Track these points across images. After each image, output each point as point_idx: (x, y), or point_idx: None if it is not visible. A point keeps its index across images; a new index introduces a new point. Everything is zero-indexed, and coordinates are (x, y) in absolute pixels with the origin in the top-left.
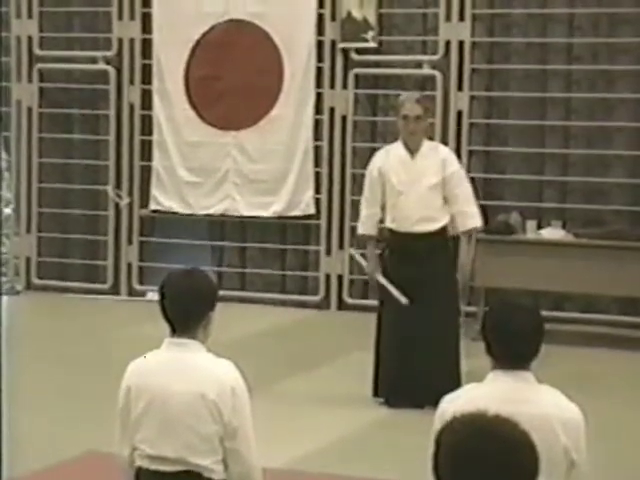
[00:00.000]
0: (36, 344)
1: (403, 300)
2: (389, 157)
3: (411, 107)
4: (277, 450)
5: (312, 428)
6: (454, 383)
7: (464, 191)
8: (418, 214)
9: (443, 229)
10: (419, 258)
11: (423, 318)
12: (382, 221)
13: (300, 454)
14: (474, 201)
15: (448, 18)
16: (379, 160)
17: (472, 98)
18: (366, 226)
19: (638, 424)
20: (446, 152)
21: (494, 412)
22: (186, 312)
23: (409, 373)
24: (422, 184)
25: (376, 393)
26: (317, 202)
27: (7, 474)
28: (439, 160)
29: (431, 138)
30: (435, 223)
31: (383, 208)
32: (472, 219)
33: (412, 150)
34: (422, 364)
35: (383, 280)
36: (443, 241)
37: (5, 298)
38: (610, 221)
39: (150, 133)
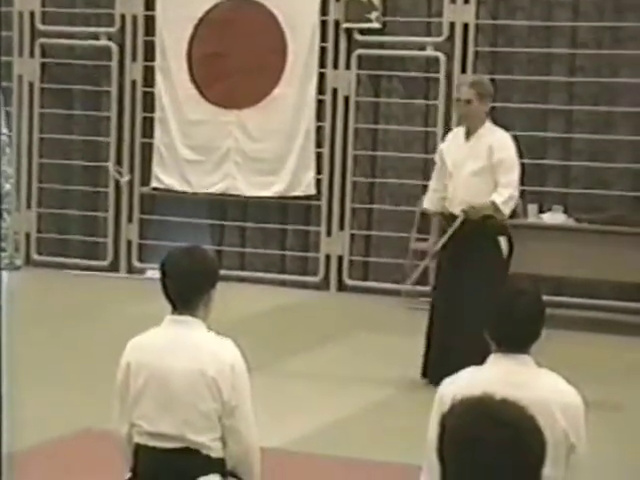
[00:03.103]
0: (34, 320)
1: (456, 224)
2: (453, 138)
3: (463, 91)
4: (275, 430)
5: (311, 408)
6: None
7: (508, 178)
8: (459, 197)
9: (488, 215)
10: (461, 240)
11: (469, 302)
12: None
13: (298, 434)
14: (512, 188)
15: (453, 0)
16: (446, 140)
17: None
18: (429, 201)
19: (635, 409)
20: (497, 138)
21: (501, 396)
22: (187, 289)
23: (456, 355)
24: (466, 168)
25: (425, 374)
26: (318, 183)
27: (7, 449)
28: (487, 146)
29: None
30: None
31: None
32: (495, 194)
33: (469, 133)
34: (469, 346)
35: (440, 242)
36: (487, 227)
37: (5, 273)
38: (612, 207)
39: (152, 110)
